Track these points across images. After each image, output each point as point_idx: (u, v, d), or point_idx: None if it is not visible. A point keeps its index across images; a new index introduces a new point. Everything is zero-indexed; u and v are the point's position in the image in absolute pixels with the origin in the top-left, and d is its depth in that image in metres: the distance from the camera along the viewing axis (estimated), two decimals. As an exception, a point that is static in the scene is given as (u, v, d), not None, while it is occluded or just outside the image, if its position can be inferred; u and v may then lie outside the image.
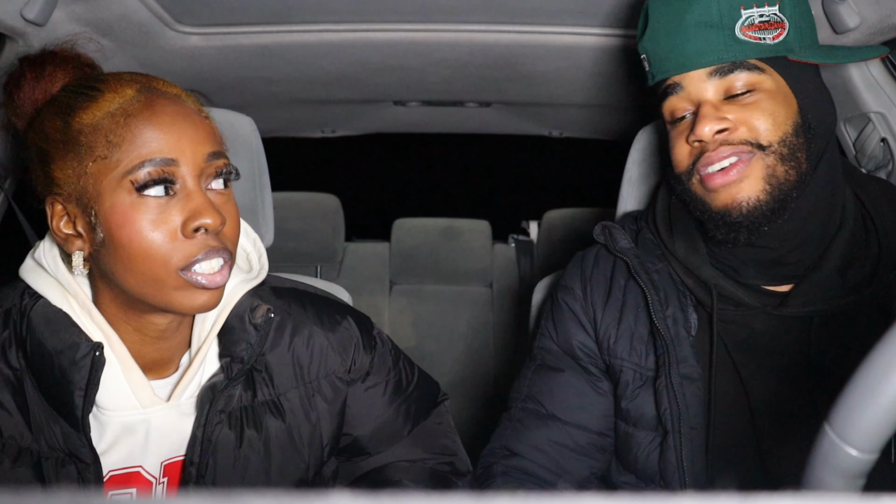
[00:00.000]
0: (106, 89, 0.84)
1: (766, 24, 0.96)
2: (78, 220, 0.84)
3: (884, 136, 1.35)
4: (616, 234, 1.12)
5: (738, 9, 0.96)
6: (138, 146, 0.81)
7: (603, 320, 1.11)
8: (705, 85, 0.98)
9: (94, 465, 0.86)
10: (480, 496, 0.35)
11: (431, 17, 1.33)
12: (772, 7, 0.97)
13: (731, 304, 1.03)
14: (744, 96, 0.97)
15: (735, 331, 1.03)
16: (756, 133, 0.96)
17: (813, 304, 0.99)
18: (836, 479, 0.56)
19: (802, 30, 0.99)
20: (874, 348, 0.54)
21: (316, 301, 1.04)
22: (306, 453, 0.98)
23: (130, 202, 0.81)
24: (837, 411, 0.55)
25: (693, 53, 0.98)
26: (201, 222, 0.81)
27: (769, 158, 0.95)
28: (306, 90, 1.79)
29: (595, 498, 0.36)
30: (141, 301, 0.85)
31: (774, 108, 0.96)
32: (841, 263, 0.99)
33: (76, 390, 0.83)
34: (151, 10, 1.27)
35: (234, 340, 0.92)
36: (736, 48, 0.96)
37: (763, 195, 0.95)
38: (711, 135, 0.96)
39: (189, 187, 0.83)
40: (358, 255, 2.87)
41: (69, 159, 0.83)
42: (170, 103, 0.85)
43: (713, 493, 0.36)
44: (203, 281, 0.83)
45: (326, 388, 1.00)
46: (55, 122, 0.84)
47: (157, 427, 0.90)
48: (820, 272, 0.99)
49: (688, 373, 1.02)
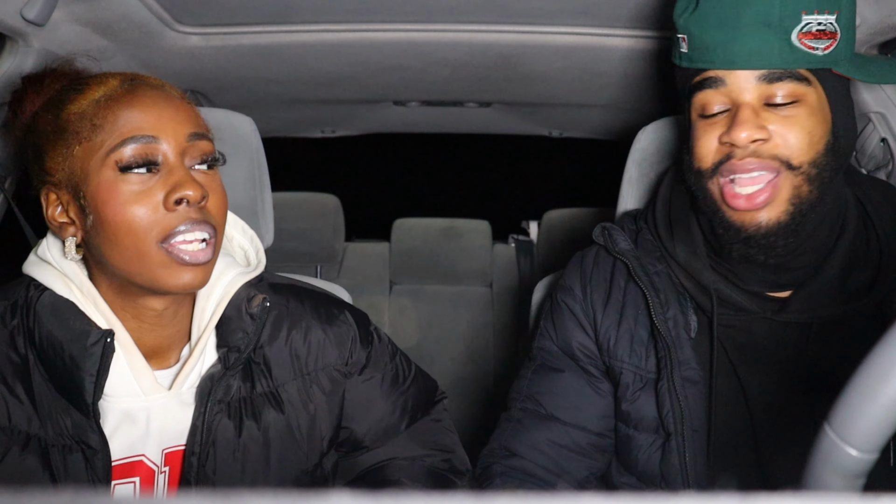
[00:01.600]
0: (92, 82, 0.89)
1: (822, 34, 0.92)
2: (70, 207, 0.87)
3: (884, 136, 1.35)
4: (615, 236, 1.11)
5: (800, 13, 0.91)
6: (120, 126, 0.84)
7: (603, 322, 1.10)
8: (750, 87, 0.93)
9: (103, 451, 0.87)
10: (480, 496, 0.35)
11: (431, 17, 1.33)
12: (830, 16, 0.92)
13: (731, 308, 1.02)
14: (785, 107, 0.93)
15: (734, 335, 1.03)
16: (790, 150, 0.92)
17: (812, 311, 0.99)
18: (836, 479, 0.56)
19: (850, 42, 0.95)
20: (874, 349, 0.54)
21: (313, 296, 1.06)
22: (305, 444, 0.99)
23: (114, 178, 0.84)
24: (837, 411, 0.55)
25: (746, 53, 0.92)
26: (182, 194, 0.84)
27: (797, 179, 0.93)
28: (306, 90, 1.79)
29: (595, 498, 0.36)
30: (131, 282, 0.87)
31: (813, 124, 0.93)
32: (842, 270, 0.98)
33: (87, 377, 0.85)
34: (151, 10, 1.27)
35: (232, 330, 0.94)
36: (789, 55, 0.92)
37: (784, 216, 0.93)
38: (748, 142, 0.92)
39: (171, 163, 0.85)
40: (358, 255, 2.87)
41: (59, 147, 0.86)
42: (150, 89, 0.89)
43: (713, 494, 0.36)
44: (186, 257, 0.85)
45: (324, 379, 1.02)
46: (47, 117, 0.89)
47: (158, 415, 0.92)
48: (820, 279, 0.98)
49: (689, 375, 1.02)
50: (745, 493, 0.36)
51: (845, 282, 0.98)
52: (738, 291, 1.01)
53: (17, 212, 1.27)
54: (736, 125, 0.92)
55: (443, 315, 2.79)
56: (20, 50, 1.24)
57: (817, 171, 0.93)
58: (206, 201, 0.87)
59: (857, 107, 1.37)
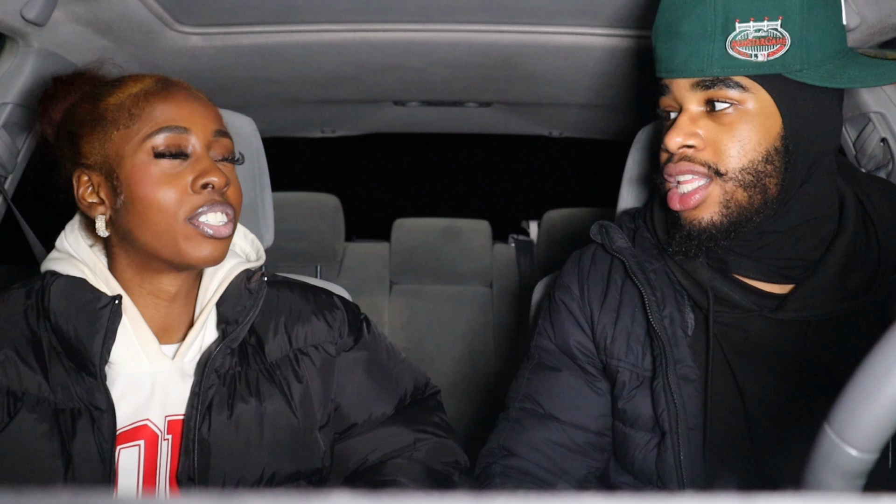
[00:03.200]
0: (129, 79, 1.01)
1: (762, 40, 0.92)
2: (101, 188, 0.98)
3: (884, 136, 1.35)
4: (613, 234, 1.12)
5: (733, 21, 0.92)
6: (156, 116, 0.96)
7: (600, 320, 1.10)
8: (689, 94, 0.97)
9: (109, 412, 0.95)
10: (480, 496, 0.35)
11: (431, 17, 1.33)
12: (772, 22, 0.92)
13: (728, 306, 1.02)
14: (722, 113, 0.95)
15: (731, 333, 1.03)
16: (719, 157, 0.95)
17: (810, 309, 0.98)
18: (836, 479, 0.56)
19: (811, 45, 0.93)
20: (874, 349, 0.54)
21: (305, 286, 1.16)
22: (299, 412, 1.05)
23: (148, 161, 0.95)
24: (837, 411, 0.55)
25: (680, 62, 0.96)
26: (209, 179, 0.95)
27: (728, 185, 0.95)
28: (306, 90, 1.79)
29: (595, 498, 0.36)
30: (155, 257, 0.97)
31: (748, 132, 0.94)
32: (841, 268, 0.98)
33: (96, 337, 0.94)
34: (151, 10, 1.27)
35: (230, 305, 1.04)
36: (722, 63, 0.93)
37: (718, 217, 0.96)
38: (677, 147, 0.97)
39: (198, 153, 0.97)
40: (358, 255, 2.87)
41: (96, 133, 0.97)
42: (182, 88, 1.01)
43: (713, 494, 0.36)
44: (209, 231, 0.96)
45: (315, 355, 1.09)
46: (85, 107, 0.99)
47: (162, 382, 1.00)
48: (819, 276, 0.98)
49: (685, 373, 1.02)
50: (744, 493, 0.36)
51: (844, 280, 0.98)
52: (734, 288, 1.02)
53: (16, 212, 1.27)
54: (669, 132, 0.98)
55: (443, 315, 2.79)
56: (20, 50, 1.24)
57: (754, 178, 0.95)
58: (228, 189, 0.98)
59: (858, 107, 1.37)
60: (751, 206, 0.96)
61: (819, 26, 0.93)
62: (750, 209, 0.96)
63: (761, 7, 0.92)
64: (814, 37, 0.93)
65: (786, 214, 0.97)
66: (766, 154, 0.94)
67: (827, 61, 0.94)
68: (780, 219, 0.98)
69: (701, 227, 0.97)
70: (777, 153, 0.95)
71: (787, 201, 0.97)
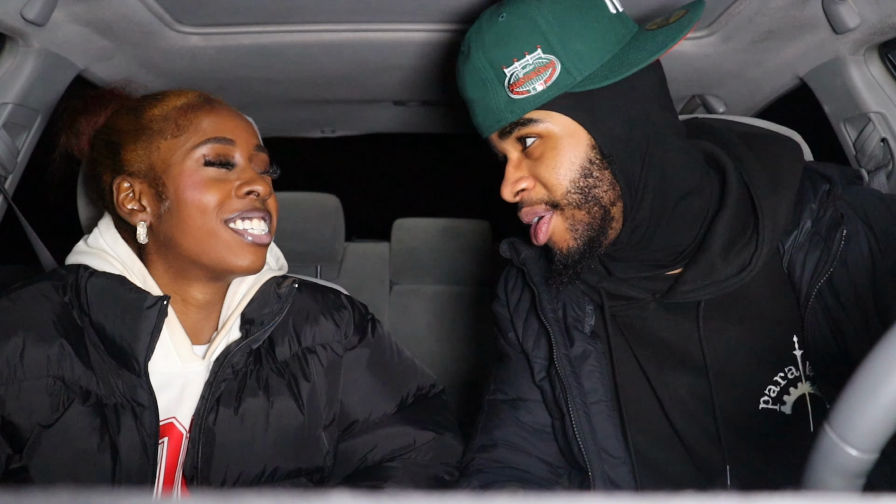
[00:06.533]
0: (170, 93, 1.05)
1: (533, 73, 0.94)
2: (144, 195, 1.01)
3: (884, 136, 1.35)
4: (519, 247, 1.18)
5: (501, 69, 0.95)
6: (203, 128, 1.01)
7: (516, 320, 1.19)
8: (502, 144, 1.02)
9: (151, 408, 0.97)
10: (480, 496, 0.35)
11: (431, 17, 1.34)
12: (532, 53, 0.94)
13: (623, 300, 1.07)
14: (533, 148, 0.98)
15: (631, 322, 1.08)
16: (547, 189, 0.98)
17: (697, 291, 1.00)
18: (836, 479, 0.56)
19: (580, 55, 0.94)
20: (874, 349, 0.54)
21: (314, 286, 1.20)
22: (306, 409, 1.07)
23: (196, 168, 0.99)
24: (837, 411, 0.55)
25: (481, 121, 1.02)
26: (253, 188, 1.01)
27: (567, 211, 0.98)
28: (306, 90, 1.79)
29: (595, 498, 0.36)
30: (195, 264, 1.01)
31: (557, 156, 0.96)
32: (725, 244, 0.99)
33: (143, 336, 0.97)
34: (151, 10, 1.27)
35: (256, 307, 1.07)
36: (510, 108, 0.97)
37: (572, 242, 1.00)
38: (511, 198, 1.02)
39: (242, 165, 1.03)
40: (358, 255, 2.87)
41: (140, 143, 1.01)
42: (224, 105, 1.07)
43: (712, 494, 0.36)
44: (250, 239, 1.00)
45: (322, 353, 1.11)
46: (127, 118, 1.03)
47: (192, 381, 1.03)
48: (703, 257, 0.99)
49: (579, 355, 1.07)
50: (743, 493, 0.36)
51: (728, 256, 0.99)
52: (623, 284, 1.06)
53: (17, 211, 1.27)
54: (501, 186, 1.02)
55: (443, 315, 2.79)
56: (20, 50, 1.24)
57: (581, 195, 0.97)
58: (269, 198, 1.05)
59: (858, 107, 1.37)
60: (595, 220, 0.98)
61: (579, 33, 0.94)
62: (596, 223, 0.98)
63: (517, 46, 0.95)
64: (580, 45, 0.94)
65: (640, 209, 0.98)
66: (581, 169, 0.96)
67: (606, 59, 0.95)
68: (637, 213, 0.98)
69: (563, 256, 1.01)
70: (593, 163, 0.96)
71: (634, 196, 0.97)
